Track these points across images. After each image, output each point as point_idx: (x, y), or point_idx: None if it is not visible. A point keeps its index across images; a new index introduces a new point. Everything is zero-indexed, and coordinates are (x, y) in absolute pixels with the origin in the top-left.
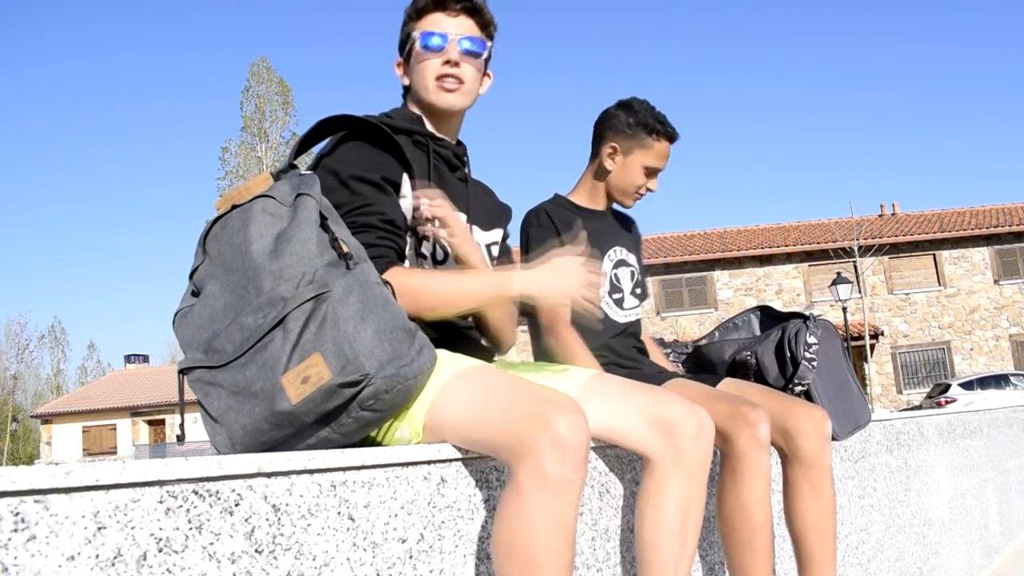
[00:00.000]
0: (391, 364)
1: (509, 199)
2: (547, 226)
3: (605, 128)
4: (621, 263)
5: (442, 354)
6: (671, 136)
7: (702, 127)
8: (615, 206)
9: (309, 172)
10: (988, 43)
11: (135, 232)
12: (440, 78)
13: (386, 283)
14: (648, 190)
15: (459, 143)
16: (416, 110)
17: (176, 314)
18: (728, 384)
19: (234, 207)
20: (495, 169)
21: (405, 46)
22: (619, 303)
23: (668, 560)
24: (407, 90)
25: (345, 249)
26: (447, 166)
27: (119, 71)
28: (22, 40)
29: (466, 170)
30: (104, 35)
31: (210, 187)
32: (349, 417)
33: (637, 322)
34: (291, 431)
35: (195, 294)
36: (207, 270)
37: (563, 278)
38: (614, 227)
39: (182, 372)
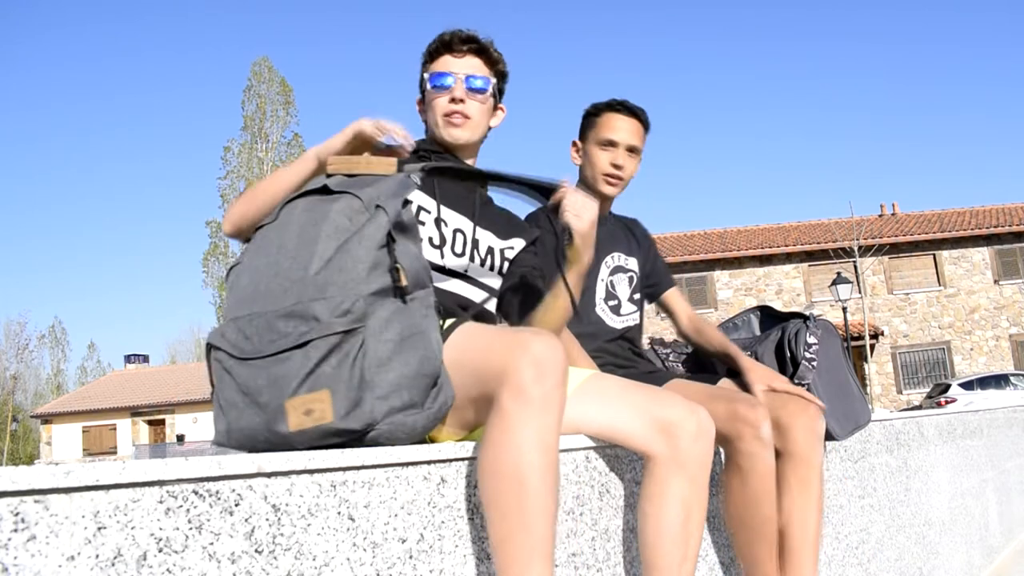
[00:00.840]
0: (403, 412)
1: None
2: (546, 229)
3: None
4: (618, 269)
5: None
6: (613, 107)
7: (702, 127)
8: (619, 213)
9: (420, 172)
10: (988, 43)
11: (135, 232)
12: (448, 115)
13: (438, 309)
14: (615, 166)
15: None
16: (433, 147)
17: (230, 269)
18: (727, 383)
19: (346, 176)
20: None
21: (422, 88)
22: (615, 309)
23: (672, 561)
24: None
25: (403, 280)
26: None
27: (120, 71)
28: (22, 40)
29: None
30: (104, 35)
31: (211, 187)
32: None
33: (636, 327)
34: (285, 449)
35: (247, 240)
36: (269, 233)
37: (349, 127)
38: (611, 233)
39: (209, 347)
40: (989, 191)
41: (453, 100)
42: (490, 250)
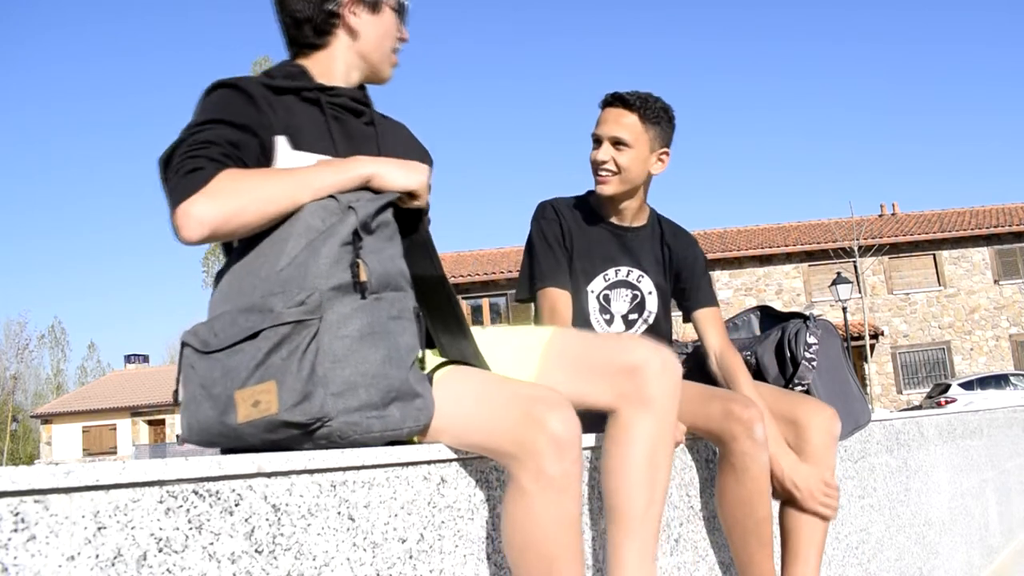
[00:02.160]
0: (359, 412)
1: (515, 199)
2: (551, 218)
3: None
4: (621, 284)
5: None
6: (604, 100)
7: (702, 127)
8: (675, 231)
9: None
10: (988, 43)
11: (135, 232)
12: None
13: (418, 316)
14: (595, 162)
15: (360, 87)
16: (327, 63)
17: (218, 273)
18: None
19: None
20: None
21: None
22: (608, 323)
23: (637, 505)
24: (324, 41)
25: (363, 275)
26: (351, 113)
27: (120, 71)
28: (22, 40)
29: (371, 114)
30: (104, 35)
31: None
32: (301, 447)
33: None
34: (240, 445)
35: (232, 249)
36: (250, 237)
37: (414, 168)
38: (629, 245)
39: (181, 345)
40: (989, 191)
41: (402, 39)
42: None
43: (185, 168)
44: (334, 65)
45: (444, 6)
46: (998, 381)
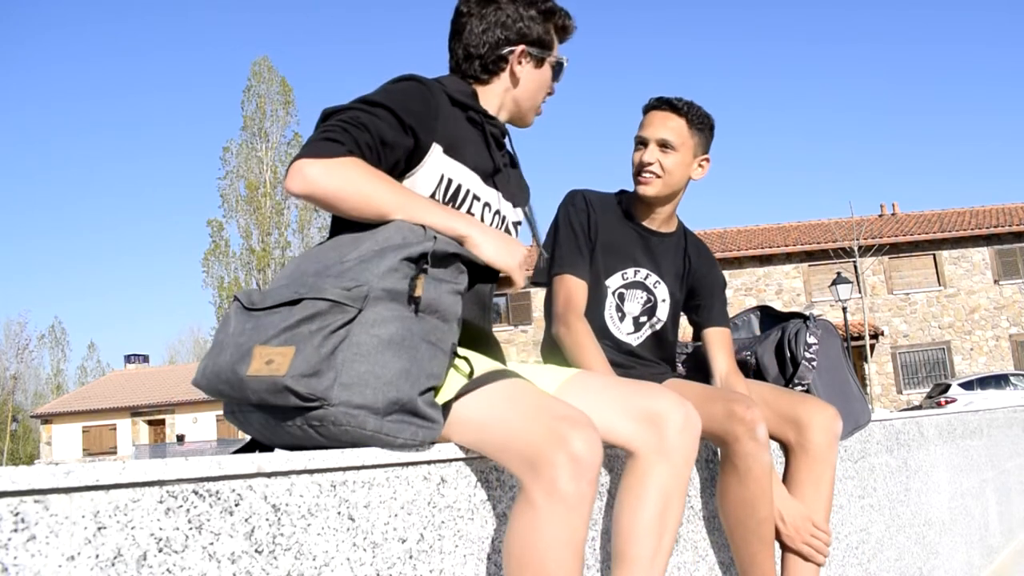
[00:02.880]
0: (360, 410)
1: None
2: (581, 208)
3: None
4: (637, 285)
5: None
6: (649, 104)
7: None
8: (699, 247)
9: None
10: (988, 43)
11: (135, 232)
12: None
13: (455, 353)
14: (641, 163)
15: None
16: (483, 96)
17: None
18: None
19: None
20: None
21: (532, 41)
22: (620, 319)
23: (644, 552)
24: (485, 79)
25: (419, 290)
26: (496, 144)
27: (120, 71)
28: (22, 40)
29: (507, 152)
30: (104, 35)
31: (211, 187)
32: (295, 425)
33: (640, 347)
34: (238, 399)
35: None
36: (343, 236)
37: (511, 249)
38: (653, 249)
39: (233, 299)
40: (989, 191)
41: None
42: (505, 221)
43: (328, 134)
44: (490, 100)
45: (445, 6)
46: (998, 381)
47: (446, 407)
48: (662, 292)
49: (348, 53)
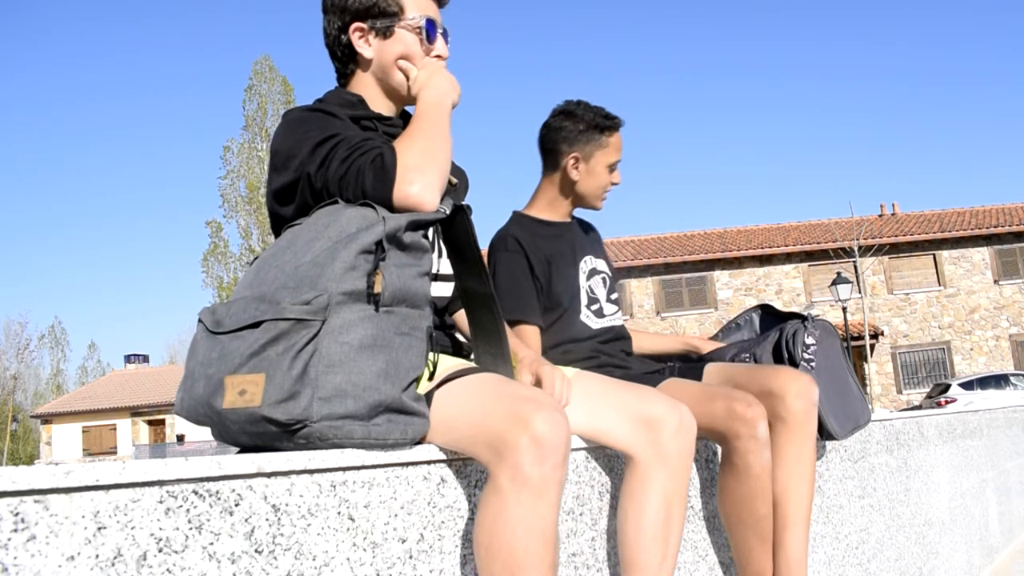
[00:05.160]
0: (344, 420)
1: (511, 198)
2: (515, 250)
3: (558, 141)
4: (593, 272)
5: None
6: (619, 125)
7: (702, 127)
8: (575, 212)
9: (451, 203)
10: (988, 43)
11: (135, 232)
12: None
13: (430, 336)
14: (613, 184)
15: (403, 113)
16: (358, 90)
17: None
18: (714, 367)
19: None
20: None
21: (369, 14)
22: (598, 313)
23: (652, 559)
24: (350, 69)
25: (377, 287)
26: None
27: (120, 70)
28: (22, 40)
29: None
30: (105, 35)
31: (211, 187)
32: (283, 445)
33: (622, 326)
34: (224, 431)
35: (276, 222)
36: (293, 229)
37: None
38: (580, 236)
39: (199, 319)
40: (989, 191)
41: None
42: None
43: (356, 157)
44: (368, 94)
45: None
46: (998, 381)
47: (428, 396)
48: (603, 266)
49: None
